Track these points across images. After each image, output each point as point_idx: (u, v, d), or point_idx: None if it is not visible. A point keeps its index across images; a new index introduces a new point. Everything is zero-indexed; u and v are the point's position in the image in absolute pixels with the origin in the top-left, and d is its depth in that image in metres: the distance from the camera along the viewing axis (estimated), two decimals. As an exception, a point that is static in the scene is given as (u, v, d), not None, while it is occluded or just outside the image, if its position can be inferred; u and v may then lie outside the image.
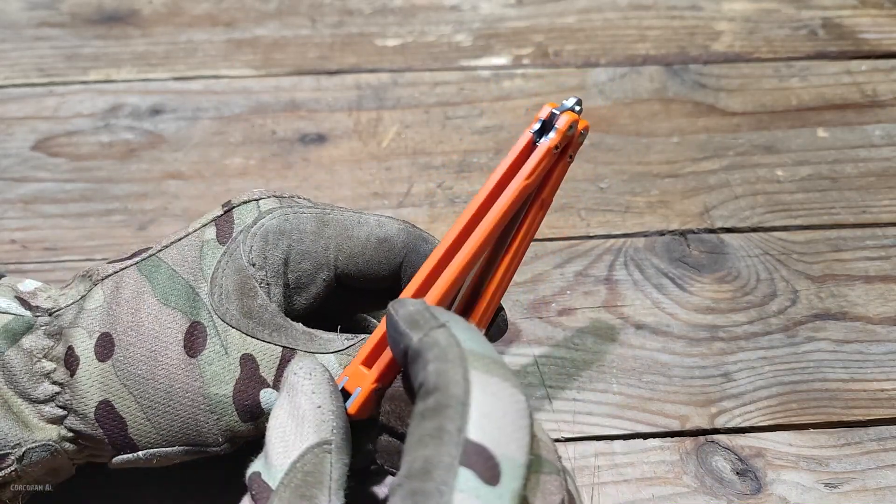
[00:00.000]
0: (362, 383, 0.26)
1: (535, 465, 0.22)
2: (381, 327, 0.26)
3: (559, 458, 0.23)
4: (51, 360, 0.29)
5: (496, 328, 0.33)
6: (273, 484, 0.23)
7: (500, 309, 0.32)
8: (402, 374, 0.26)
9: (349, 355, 0.29)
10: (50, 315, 0.30)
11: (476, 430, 0.21)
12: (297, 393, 0.24)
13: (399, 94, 0.54)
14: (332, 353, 0.29)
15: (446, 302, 0.28)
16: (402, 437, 0.26)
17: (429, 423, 0.21)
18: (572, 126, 0.29)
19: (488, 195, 0.29)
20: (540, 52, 0.57)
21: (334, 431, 0.24)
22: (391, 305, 0.25)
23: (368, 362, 0.27)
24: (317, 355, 0.29)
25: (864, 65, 0.56)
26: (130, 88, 0.53)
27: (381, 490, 0.30)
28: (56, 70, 0.54)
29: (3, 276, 0.33)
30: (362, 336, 0.30)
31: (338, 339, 0.30)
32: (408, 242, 0.32)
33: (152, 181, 0.48)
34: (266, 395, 0.29)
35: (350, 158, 0.49)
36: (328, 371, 0.25)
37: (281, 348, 0.29)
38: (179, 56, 0.55)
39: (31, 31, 0.57)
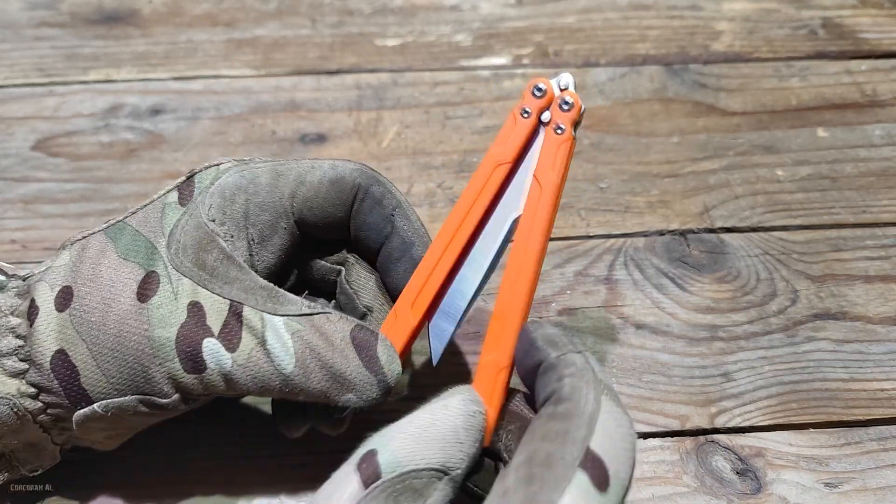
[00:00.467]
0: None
1: (628, 490, 0.24)
2: (499, 394, 0.28)
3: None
4: (17, 317, 0.30)
5: None
6: (382, 471, 0.24)
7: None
8: (514, 396, 0.28)
9: (300, 324, 0.29)
10: (24, 281, 0.31)
11: (597, 443, 0.23)
12: (451, 418, 0.26)
13: (399, 94, 0.54)
14: (281, 315, 0.29)
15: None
16: (487, 453, 0.28)
17: (557, 425, 0.24)
18: (540, 89, 0.30)
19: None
20: (540, 52, 0.57)
21: (457, 471, 0.25)
22: (528, 324, 0.27)
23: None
24: (265, 315, 0.29)
25: (864, 65, 0.56)
26: (130, 88, 0.53)
27: None
28: (56, 70, 0.54)
29: None
30: (322, 310, 0.30)
31: (298, 303, 0.30)
32: (358, 181, 0.33)
33: (152, 181, 0.48)
34: (209, 345, 0.29)
35: (350, 158, 0.49)
36: (485, 417, 0.27)
37: (229, 301, 0.29)
38: (179, 56, 0.55)
39: (31, 31, 0.57)
